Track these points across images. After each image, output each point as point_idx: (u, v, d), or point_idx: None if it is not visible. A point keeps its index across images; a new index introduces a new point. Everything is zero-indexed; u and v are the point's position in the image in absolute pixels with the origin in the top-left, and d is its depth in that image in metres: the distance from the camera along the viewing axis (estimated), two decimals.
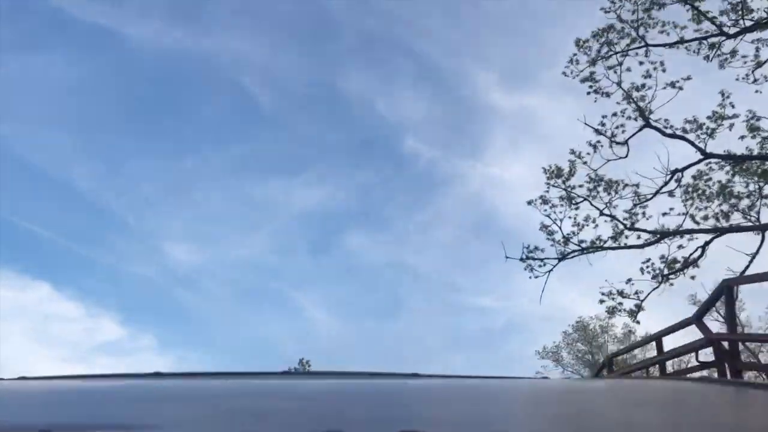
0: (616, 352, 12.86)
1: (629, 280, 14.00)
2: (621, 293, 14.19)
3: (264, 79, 34.30)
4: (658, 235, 13.43)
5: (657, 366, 8.01)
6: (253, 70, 33.80)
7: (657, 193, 12.97)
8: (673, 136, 12.70)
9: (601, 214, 14.15)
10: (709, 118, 12.47)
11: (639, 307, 14.00)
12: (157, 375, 2.11)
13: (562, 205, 14.74)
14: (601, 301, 14.40)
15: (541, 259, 14.60)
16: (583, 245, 14.34)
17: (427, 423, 1.14)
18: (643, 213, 14.08)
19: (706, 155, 12.34)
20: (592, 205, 14.16)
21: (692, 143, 12.45)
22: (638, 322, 14.01)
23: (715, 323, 18.57)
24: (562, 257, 14.48)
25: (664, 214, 13.53)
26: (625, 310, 14.21)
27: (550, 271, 14.39)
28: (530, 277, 14.65)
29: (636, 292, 13.94)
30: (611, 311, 14.36)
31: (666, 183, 12.80)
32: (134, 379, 2.08)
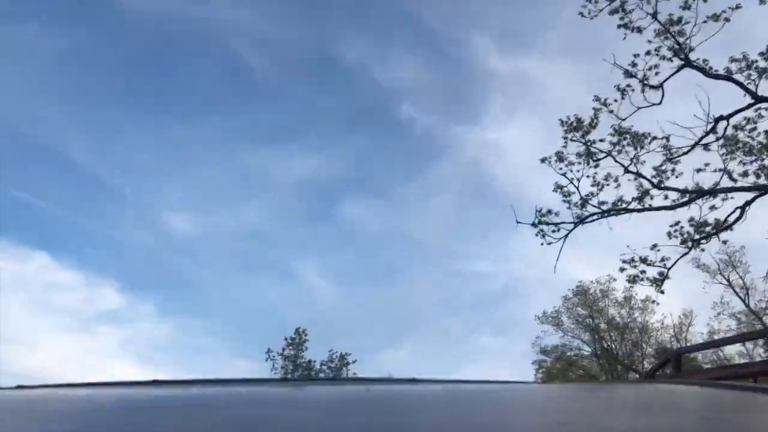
0: (688, 348, 11.25)
1: (654, 245, 12.34)
2: (644, 260, 12.54)
3: (258, 45, 32.69)
4: (692, 194, 11.71)
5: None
6: (247, 36, 32.10)
7: (696, 144, 11.17)
8: (717, 76, 10.80)
9: (626, 171, 12.38)
10: (762, 54, 10.56)
11: (664, 276, 12.39)
12: (155, 383, 2.12)
13: (579, 163, 12.94)
14: (622, 269, 12.78)
15: (556, 224, 12.90)
16: (604, 207, 12.62)
17: (425, 429, 1.16)
18: (673, 171, 12.33)
19: (758, 99, 10.47)
20: (616, 161, 12.37)
21: (741, 85, 10.57)
22: (662, 292, 12.48)
23: None
24: (580, 221, 12.76)
25: (699, 170, 11.78)
26: (648, 278, 12.60)
27: (566, 237, 12.69)
28: (542, 244, 12.97)
29: (662, 259, 12.32)
30: (633, 280, 12.74)
31: (707, 133, 10.97)
32: (132, 387, 2.11)
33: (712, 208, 11.87)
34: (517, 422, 1.30)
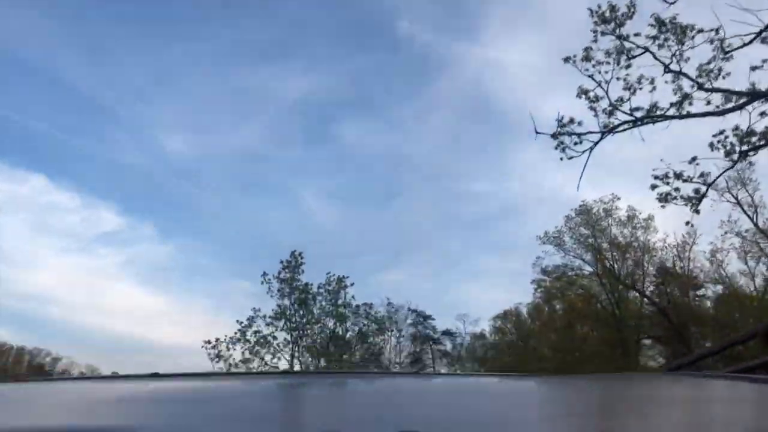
0: None
1: (694, 158, 10.72)
2: (679, 176, 10.97)
3: None
4: (744, 97, 9.96)
5: None
6: None
7: (757, 36, 9.28)
8: None
9: (667, 70, 10.53)
10: None
11: (702, 194, 10.88)
12: (155, 376, 2.11)
13: (609, 63, 11.06)
14: (653, 186, 11.23)
15: (580, 134, 11.20)
16: (637, 114, 10.89)
17: (427, 422, 1.14)
18: (719, 71, 10.49)
19: None
20: (655, 58, 10.50)
21: None
22: (698, 212, 11.02)
23: None
24: (608, 131, 11.07)
25: (755, 68, 9.96)
26: (682, 197, 11.09)
27: (591, 150, 11.04)
28: (561, 159, 11.34)
29: (701, 174, 10.75)
30: (664, 198, 11.23)
31: None
32: (132, 381, 2.11)
33: (763, 114, 10.17)
34: (518, 415, 1.24)
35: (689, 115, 10.40)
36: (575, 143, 11.19)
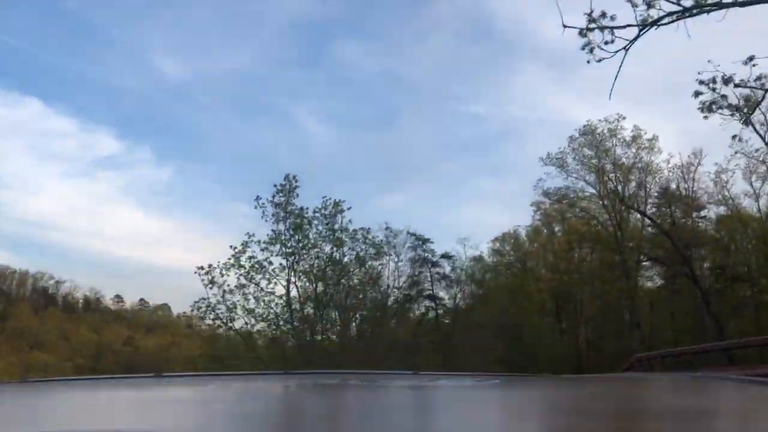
0: None
1: (751, 58, 9.31)
2: (728, 80, 9.59)
3: None
4: None
5: None
6: None
7: None
8: None
9: None
10: None
11: (756, 101, 9.55)
12: (158, 377, 2.14)
13: None
14: (697, 94, 9.88)
15: (614, 28, 9.68)
16: (685, 4, 9.32)
17: (427, 420, 1.15)
18: None
19: None
20: None
21: None
22: (748, 123, 9.75)
23: None
24: (649, 24, 9.53)
25: None
26: (730, 104, 9.77)
27: (626, 48, 9.56)
28: (588, 62, 9.91)
29: (759, 78, 9.37)
30: (708, 107, 9.91)
31: None
32: (135, 381, 2.15)
33: None
34: (516, 415, 1.26)
35: (750, 2, 8.84)
36: (606, 42, 9.70)
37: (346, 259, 22.51)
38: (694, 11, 9.24)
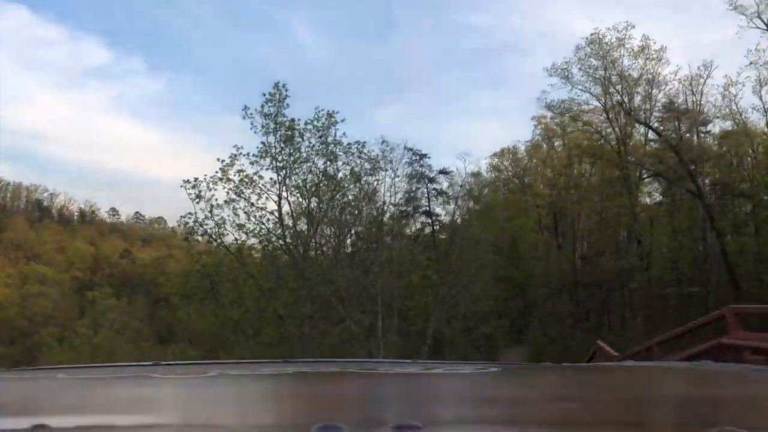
0: None
1: None
2: None
3: None
4: None
5: None
6: None
7: None
8: None
9: None
10: None
11: None
12: (156, 365, 2.12)
13: None
14: None
15: None
16: None
17: (426, 411, 1.19)
18: None
19: None
20: None
21: None
22: None
23: None
24: None
25: None
26: None
27: None
28: None
29: None
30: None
31: None
32: (133, 369, 2.13)
33: None
34: (515, 403, 1.35)
35: None
36: None
37: (340, 175, 21.72)
38: None
